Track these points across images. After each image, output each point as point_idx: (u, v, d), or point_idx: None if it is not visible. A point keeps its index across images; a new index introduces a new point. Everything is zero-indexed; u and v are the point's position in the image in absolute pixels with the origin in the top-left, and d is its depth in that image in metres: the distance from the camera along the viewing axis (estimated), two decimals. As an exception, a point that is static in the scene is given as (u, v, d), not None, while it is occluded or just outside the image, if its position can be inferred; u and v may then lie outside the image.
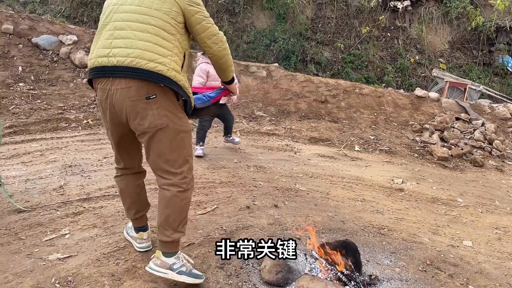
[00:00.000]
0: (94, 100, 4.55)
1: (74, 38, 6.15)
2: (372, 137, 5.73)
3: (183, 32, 2.10)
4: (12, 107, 4.91)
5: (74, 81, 5.88)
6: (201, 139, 4.21)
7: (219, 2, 8.78)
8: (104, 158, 3.83)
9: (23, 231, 2.52)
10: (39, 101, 5.19)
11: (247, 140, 5.08)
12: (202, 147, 4.22)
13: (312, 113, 6.39)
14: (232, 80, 2.41)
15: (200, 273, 2.19)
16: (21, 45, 5.85)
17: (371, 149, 5.32)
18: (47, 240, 2.46)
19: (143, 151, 2.24)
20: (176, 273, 2.12)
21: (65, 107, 5.15)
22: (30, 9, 8.08)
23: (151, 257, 2.23)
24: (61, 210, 2.81)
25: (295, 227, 2.91)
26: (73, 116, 4.89)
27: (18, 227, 2.56)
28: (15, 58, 5.76)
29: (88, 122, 4.81)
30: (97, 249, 2.41)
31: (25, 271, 2.15)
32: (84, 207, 2.88)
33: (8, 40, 5.78)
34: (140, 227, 2.46)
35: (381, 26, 9.77)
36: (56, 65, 5.97)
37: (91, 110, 5.23)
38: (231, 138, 4.51)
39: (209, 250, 2.50)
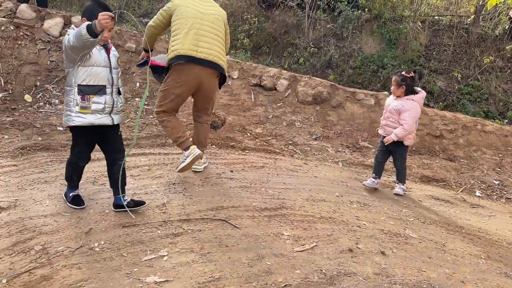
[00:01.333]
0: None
1: (188, 58, 6.46)
2: (496, 182, 5.03)
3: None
4: (127, 120, 5.25)
5: (184, 99, 6.14)
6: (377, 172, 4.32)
7: (328, 26, 8.65)
8: (206, 178, 3.83)
9: (125, 247, 2.56)
10: (151, 116, 5.48)
11: (350, 172, 4.77)
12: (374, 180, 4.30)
13: (425, 148, 5.85)
14: None
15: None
16: (140, 63, 6.30)
17: (495, 196, 4.66)
18: (146, 260, 2.45)
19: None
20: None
21: (174, 124, 5.36)
22: (151, 30, 8.76)
23: (196, 164, 3.92)
24: (161, 229, 2.82)
25: (405, 281, 2.56)
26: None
27: (121, 242, 2.60)
28: (134, 75, 6.20)
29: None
30: (192, 277, 2.34)
31: (123, 291, 2.14)
32: (183, 229, 2.86)
33: (130, 57, 6.25)
34: (188, 146, 3.67)
35: (507, 56, 8.78)
36: (169, 83, 6.31)
37: (197, 128, 5.37)
38: None
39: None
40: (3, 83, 5.46)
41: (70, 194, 3.04)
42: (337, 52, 8.49)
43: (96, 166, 3.83)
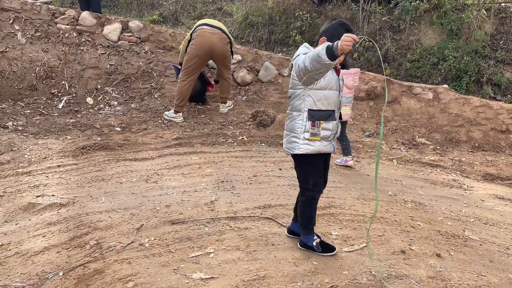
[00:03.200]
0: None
1: (239, 57, 6.52)
2: None
3: None
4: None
5: (235, 98, 6.20)
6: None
7: (383, 19, 8.34)
8: (254, 176, 3.84)
9: (174, 243, 2.62)
10: (203, 115, 5.60)
11: (405, 170, 4.56)
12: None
13: (489, 144, 5.46)
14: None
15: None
16: (193, 64, 6.47)
17: None
18: (193, 256, 2.50)
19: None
20: (228, 106, 6.00)
21: (225, 123, 5.44)
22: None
23: (220, 108, 5.84)
24: (209, 227, 2.86)
25: (463, 286, 2.39)
26: (230, 132, 5.11)
27: (170, 238, 2.67)
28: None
29: (243, 138, 4.96)
30: (237, 274, 2.34)
31: (169, 286, 2.19)
32: (230, 226, 2.88)
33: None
34: (179, 111, 5.43)
35: None
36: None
37: (247, 127, 5.41)
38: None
39: None
40: (67, 87, 5.84)
41: (314, 243, 2.64)
42: (393, 45, 8.16)
43: (150, 165, 3.97)
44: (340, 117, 2.72)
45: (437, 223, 3.21)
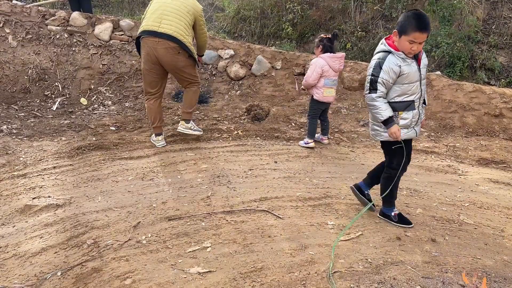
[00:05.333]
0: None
1: (231, 52, 6.50)
2: None
3: (192, 27, 4.30)
4: (175, 117, 5.39)
5: (229, 93, 6.20)
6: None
7: (375, 8, 8.32)
8: (250, 170, 3.86)
9: (171, 239, 2.63)
10: (197, 112, 5.59)
11: (401, 157, 4.58)
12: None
13: (483, 129, 5.48)
14: (202, 55, 4.92)
15: (200, 128, 4.74)
16: (186, 61, 6.45)
17: None
18: (190, 251, 2.51)
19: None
20: (193, 129, 4.57)
21: (219, 118, 5.44)
22: (197, 27, 8.93)
23: (178, 125, 4.63)
24: (206, 221, 2.87)
25: (458, 269, 2.42)
26: (225, 127, 5.12)
27: (167, 235, 2.69)
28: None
29: (238, 133, 4.97)
30: (234, 267, 2.36)
31: (167, 282, 2.21)
32: (227, 220, 2.89)
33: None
34: (159, 133, 4.48)
35: None
36: (214, 78, 6.39)
37: (241, 121, 5.41)
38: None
39: (351, 285, 2.23)
40: (61, 89, 5.82)
41: (393, 213, 2.96)
42: (386, 34, 8.15)
43: (145, 163, 3.98)
44: (424, 103, 2.91)
45: (432, 209, 3.24)
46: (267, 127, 5.23)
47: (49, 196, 3.20)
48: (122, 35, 6.45)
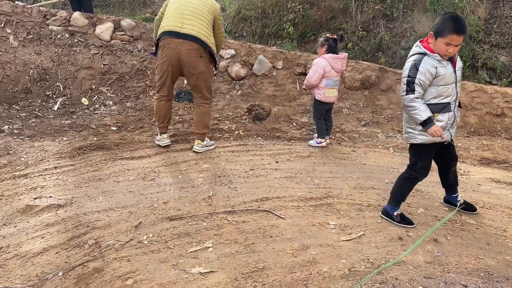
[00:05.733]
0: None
1: (232, 52, 6.50)
2: None
3: (212, 26, 4.13)
4: (176, 117, 5.39)
5: (230, 93, 6.20)
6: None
7: (376, 7, 8.31)
8: (251, 170, 3.85)
9: (172, 239, 2.63)
10: (199, 111, 5.58)
11: (401, 158, 4.57)
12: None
13: (484, 129, 5.47)
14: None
15: (213, 141, 4.53)
16: (187, 61, 6.45)
17: None
18: (192, 251, 2.51)
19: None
20: (208, 146, 4.38)
21: (220, 118, 5.44)
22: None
23: (194, 145, 4.35)
24: (207, 221, 2.87)
25: (460, 270, 2.41)
26: (227, 127, 5.12)
27: (168, 235, 2.69)
28: (182, 72, 6.36)
29: (239, 133, 4.97)
30: (236, 267, 2.36)
31: (169, 282, 2.21)
32: (228, 220, 2.89)
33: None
34: (164, 132, 4.42)
35: None
36: (215, 78, 6.39)
37: (242, 121, 5.41)
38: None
39: (353, 286, 2.22)
40: (62, 89, 5.83)
41: (396, 213, 2.97)
42: (387, 34, 8.15)
43: (147, 163, 3.98)
44: (459, 105, 2.94)
45: (434, 209, 3.23)
46: (268, 127, 5.22)
47: (50, 196, 3.20)
48: (123, 35, 6.45)
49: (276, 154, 4.36)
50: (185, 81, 6.27)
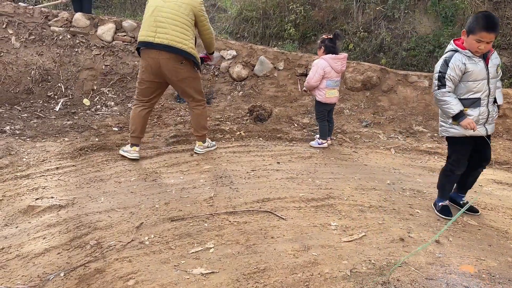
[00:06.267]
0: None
1: (234, 53, 6.51)
2: None
3: (194, 25, 3.93)
4: (178, 118, 5.40)
5: (231, 93, 6.20)
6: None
7: (377, 8, 8.31)
8: (253, 170, 3.85)
9: (174, 240, 2.63)
10: (200, 112, 5.59)
11: (403, 158, 4.57)
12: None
13: (485, 130, 5.45)
14: (213, 53, 4.42)
15: (214, 142, 4.51)
16: (189, 61, 6.45)
17: None
18: (193, 252, 2.51)
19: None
20: (209, 147, 4.34)
21: (222, 119, 5.44)
22: (199, 28, 8.93)
23: (195, 147, 4.31)
24: (208, 222, 2.87)
25: (462, 271, 2.41)
26: (228, 128, 5.12)
27: (170, 235, 2.69)
28: (183, 73, 6.37)
29: (240, 133, 4.97)
30: (237, 268, 2.35)
31: (170, 283, 2.20)
32: (229, 221, 2.89)
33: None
34: (136, 144, 4.09)
35: None
36: (216, 78, 6.39)
37: (244, 122, 5.41)
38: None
39: (355, 287, 2.22)
40: (63, 89, 5.84)
41: (440, 204, 3.15)
42: (388, 34, 8.15)
43: (148, 163, 3.98)
44: (495, 101, 2.99)
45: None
46: (269, 128, 5.22)
47: (52, 197, 3.20)
48: (124, 36, 6.46)
49: (278, 155, 4.36)
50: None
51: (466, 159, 3.04)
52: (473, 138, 2.93)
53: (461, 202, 3.24)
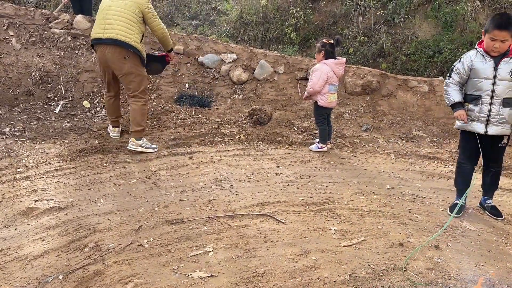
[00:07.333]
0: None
1: (234, 56, 6.51)
2: None
3: (141, 22, 4.26)
4: (178, 121, 5.40)
5: (231, 97, 6.20)
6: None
7: (378, 13, 8.34)
8: (252, 174, 3.85)
9: (173, 243, 2.63)
10: (200, 115, 5.60)
11: (402, 163, 4.57)
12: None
13: (485, 135, 5.46)
14: (171, 50, 4.77)
15: (155, 145, 4.48)
16: (189, 64, 6.45)
17: None
18: (192, 255, 2.51)
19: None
20: (144, 147, 4.34)
21: (222, 122, 5.44)
22: (200, 30, 8.95)
23: (128, 142, 4.36)
24: (208, 225, 2.87)
25: (461, 276, 2.41)
26: (228, 131, 5.12)
27: (169, 239, 2.68)
28: (183, 76, 6.37)
29: (240, 137, 4.97)
30: (237, 272, 2.35)
31: (169, 286, 2.21)
32: (229, 224, 2.89)
33: (179, 59, 6.42)
34: (116, 126, 4.77)
35: None
36: (217, 82, 6.40)
37: (244, 125, 5.41)
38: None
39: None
40: (63, 91, 5.83)
41: (455, 202, 3.30)
42: (389, 39, 8.17)
43: (147, 166, 3.98)
44: (509, 104, 3.04)
45: (435, 215, 3.23)
46: (269, 131, 5.23)
47: (51, 199, 3.20)
48: (125, 38, 6.46)
49: (277, 158, 4.36)
50: (186, 85, 6.29)
51: (471, 154, 3.22)
52: (479, 135, 3.07)
53: (485, 205, 3.34)
